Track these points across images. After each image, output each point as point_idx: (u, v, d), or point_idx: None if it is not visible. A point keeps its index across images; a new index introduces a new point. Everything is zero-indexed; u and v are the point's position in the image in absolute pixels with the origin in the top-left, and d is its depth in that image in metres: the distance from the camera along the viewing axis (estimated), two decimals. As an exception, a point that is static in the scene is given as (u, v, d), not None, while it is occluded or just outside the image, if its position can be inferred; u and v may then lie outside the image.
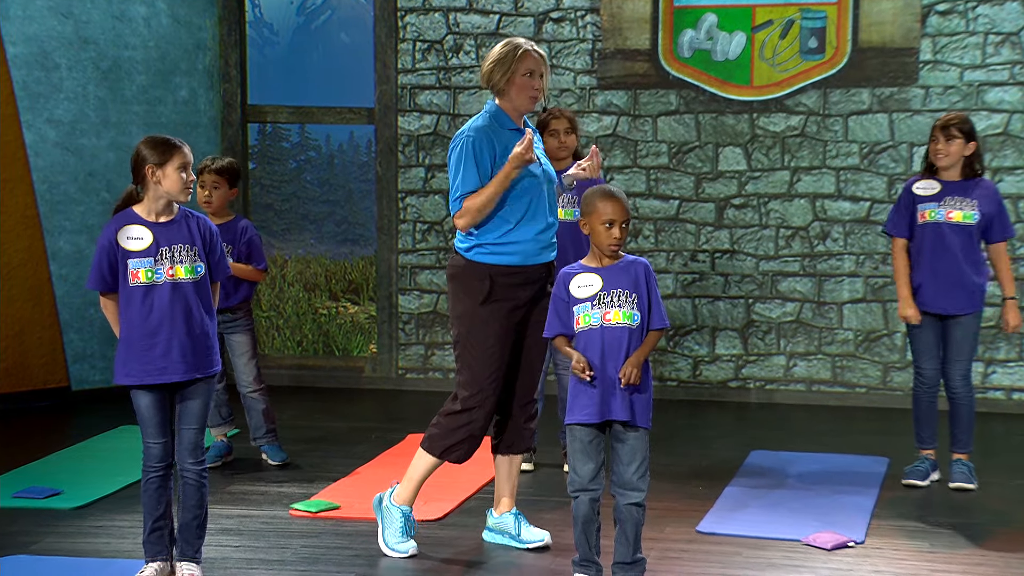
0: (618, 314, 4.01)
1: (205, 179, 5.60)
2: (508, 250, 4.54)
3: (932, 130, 5.45)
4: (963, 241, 5.41)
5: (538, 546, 4.68)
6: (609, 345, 4.01)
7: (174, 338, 4.12)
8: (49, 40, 7.02)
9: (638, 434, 4.07)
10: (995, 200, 5.45)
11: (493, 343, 4.55)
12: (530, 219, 4.54)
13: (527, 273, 4.57)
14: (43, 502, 5.20)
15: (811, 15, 7.08)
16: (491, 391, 4.58)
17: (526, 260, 4.56)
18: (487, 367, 4.56)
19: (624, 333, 4.01)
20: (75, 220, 7.15)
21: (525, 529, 4.72)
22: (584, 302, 4.04)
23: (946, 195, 5.43)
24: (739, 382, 7.33)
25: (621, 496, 4.10)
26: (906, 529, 4.97)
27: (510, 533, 4.74)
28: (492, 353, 4.56)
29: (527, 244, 4.55)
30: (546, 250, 4.61)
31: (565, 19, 7.32)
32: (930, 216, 5.44)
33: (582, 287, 4.06)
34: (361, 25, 7.64)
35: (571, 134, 5.53)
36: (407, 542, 4.63)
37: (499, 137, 4.55)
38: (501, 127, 4.57)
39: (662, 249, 7.31)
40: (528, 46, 4.56)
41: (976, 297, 5.45)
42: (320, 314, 7.78)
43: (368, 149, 7.69)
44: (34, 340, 7.03)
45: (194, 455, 4.22)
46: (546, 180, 4.62)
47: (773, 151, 7.20)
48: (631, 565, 4.14)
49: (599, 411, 4.04)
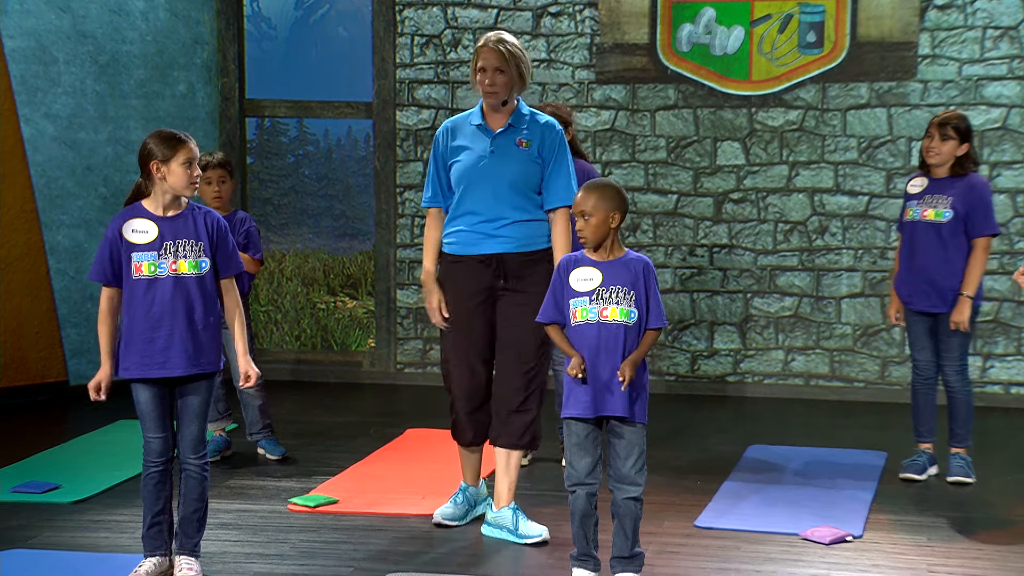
0: (615, 311, 4.00)
1: (211, 175, 5.59)
2: (450, 239, 4.78)
3: (929, 126, 5.44)
4: (935, 240, 5.38)
5: (535, 541, 4.68)
6: (605, 341, 4.01)
7: (175, 333, 4.11)
8: (47, 34, 7.01)
9: (634, 429, 4.07)
10: (975, 196, 5.37)
11: (451, 328, 4.76)
12: (467, 210, 4.71)
13: (466, 263, 4.72)
14: (41, 496, 5.20)
15: (809, 9, 7.07)
16: (457, 375, 4.78)
17: (464, 250, 4.72)
18: (447, 351, 4.81)
19: (620, 330, 4.01)
20: (73, 214, 7.14)
21: (523, 524, 4.73)
22: (582, 296, 4.04)
23: (927, 193, 5.44)
24: (737, 376, 7.33)
25: (618, 491, 4.10)
26: (904, 523, 4.97)
27: (508, 527, 4.75)
28: (449, 338, 4.78)
29: (465, 234, 4.72)
30: (488, 240, 4.69)
31: (563, 13, 7.31)
32: (910, 215, 5.47)
33: (581, 280, 4.05)
34: (359, 19, 7.63)
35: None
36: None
37: (460, 131, 4.79)
38: (467, 121, 4.79)
39: (660, 244, 7.31)
40: (487, 41, 4.70)
41: (948, 297, 5.39)
42: (318, 308, 7.78)
43: (366, 143, 7.68)
44: (32, 335, 7.02)
45: (196, 450, 4.21)
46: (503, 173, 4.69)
47: (772, 146, 7.20)
48: (629, 559, 4.15)
49: (594, 406, 4.04)
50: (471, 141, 4.74)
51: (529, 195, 4.73)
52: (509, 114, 4.74)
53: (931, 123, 5.42)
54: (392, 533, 4.81)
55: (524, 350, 4.71)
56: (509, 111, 4.74)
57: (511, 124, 4.73)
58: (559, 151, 4.75)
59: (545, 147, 4.75)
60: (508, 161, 4.71)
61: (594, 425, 4.10)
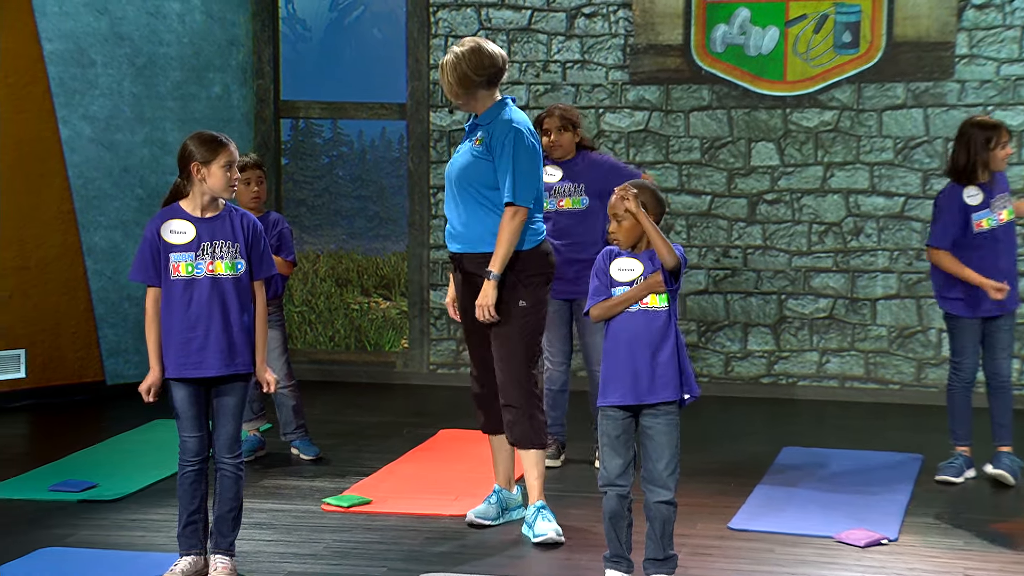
0: (655, 298, 4.09)
1: (250, 175, 5.61)
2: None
3: (999, 132, 5.35)
4: (1013, 238, 5.53)
5: (539, 541, 4.67)
6: (648, 329, 4.07)
7: (211, 333, 4.14)
8: (85, 36, 7.07)
9: (666, 428, 4.06)
10: None
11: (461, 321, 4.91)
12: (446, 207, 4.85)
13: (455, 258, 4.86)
14: (79, 495, 5.24)
15: (845, 9, 7.03)
16: (471, 363, 4.93)
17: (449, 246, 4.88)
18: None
19: (658, 317, 4.08)
20: (110, 216, 7.20)
21: (538, 522, 4.72)
22: (623, 286, 4.11)
23: (990, 198, 5.42)
24: (771, 378, 7.30)
25: (650, 493, 4.10)
26: (940, 527, 4.93)
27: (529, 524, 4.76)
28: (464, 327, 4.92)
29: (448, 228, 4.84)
30: (450, 240, 4.81)
31: (597, 14, 7.31)
32: (987, 224, 5.39)
33: (622, 270, 4.13)
34: (393, 21, 7.65)
35: (564, 132, 5.54)
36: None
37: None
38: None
39: (694, 245, 7.29)
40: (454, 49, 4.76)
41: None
42: (352, 309, 7.81)
43: (400, 144, 7.70)
44: (69, 335, 7.09)
45: (231, 450, 4.24)
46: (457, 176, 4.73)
47: (806, 146, 7.16)
48: (663, 562, 4.14)
49: (633, 393, 4.05)
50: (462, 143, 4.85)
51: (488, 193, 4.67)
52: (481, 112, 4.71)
53: (1001, 129, 5.35)
54: (425, 533, 4.82)
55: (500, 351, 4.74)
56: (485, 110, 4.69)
57: (476, 123, 4.74)
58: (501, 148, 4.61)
59: (494, 146, 4.64)
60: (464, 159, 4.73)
61: (628, 421, 4.10)
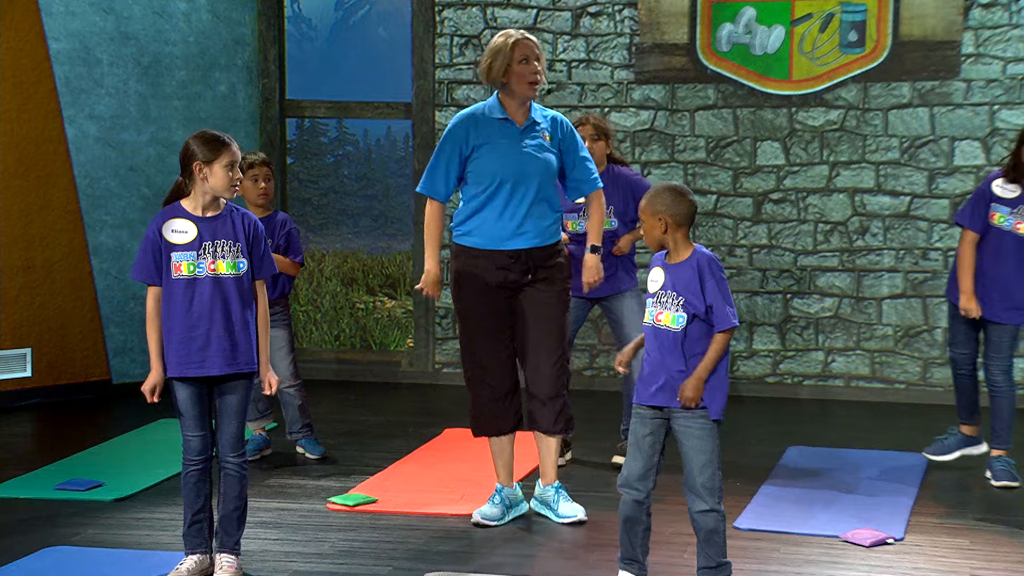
0: (668, 316, 3.93)
1: (258, 172, 5.63)
2: (475, 234, 4.77)
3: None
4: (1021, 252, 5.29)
5: (570, 521, 4.83)
6: (661, 346, 3.95)
7: (213, 332, 4.15)
8: (91, 36, 7.08)
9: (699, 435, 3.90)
10: None
11: (470, 325, 4.78)
12: (491, 205, 4.73)
13: (492, 257, 4.74)
14: (85, 494, 5.25)
15: (851, 8, 7.02)
16: (481, 371, 4.81)
17: (492, 244, 4.74)
18: (469, 347, 4.80)
19: (669, 337, 3.92)
20: (116, 215, 7.21)
21: (562, 504, 4.88)
22: (650, 296, 4.02)
23: (1021, 204, 5.30)
24: (777, 377, 7.30)
25: (689, 501, 3.98)
26: (946, 526, 4.93)
27: (550, 505, 4.92)
28: (471, 333, 4.79)
29: (492, 228, 4.74)
30: (515, 238, 4.73)
31: (603, 13, 7.31)
32: (999, 220, 5.31)
33: (653, 281, 4.02)
34: (399, 20, 7.65)
35: (598, 140, 5.52)
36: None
37: (481, 127, 4.75)
38: (489, 115, 4.76)
39: (700, 244, 7.28)
40: (519, 35, 4.75)
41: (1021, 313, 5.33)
42: (357, 308, 7.81)
43: (405, 144, 7.71)
44: (75, 334, 7.10)
45: (235, 449, 4.25)
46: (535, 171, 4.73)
47: (812, 145, 7.15)
48: (715, 569, 4.00)
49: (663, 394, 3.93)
50: (496, 136, 4.77)
51: (555, 188, 4.86)
52: (528, 108, 4.80)
53: None
54: (430, 533, 4.82)
55: (544, 344, 4.81)
56: (528, 106, 4.81)
57: (533, 119, 4.81)
58: (573, 139, 4.87)
59: (564, 139, 4.85)
60: (540, 155, 4.78)
61: (658, 423, 3.98)
